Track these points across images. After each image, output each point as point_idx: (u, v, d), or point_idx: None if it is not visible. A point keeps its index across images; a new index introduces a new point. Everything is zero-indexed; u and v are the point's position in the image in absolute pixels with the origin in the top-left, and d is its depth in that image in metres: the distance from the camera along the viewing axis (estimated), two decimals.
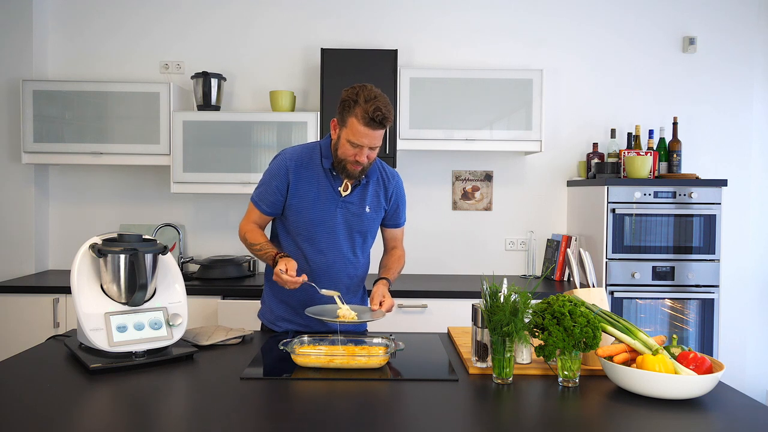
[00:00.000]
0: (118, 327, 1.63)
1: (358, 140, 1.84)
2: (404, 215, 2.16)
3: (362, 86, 1.85)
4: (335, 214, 1.97)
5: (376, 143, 1.87)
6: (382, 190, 2.05)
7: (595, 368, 1.61)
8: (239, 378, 1.53)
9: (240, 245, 3.56)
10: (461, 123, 3.23)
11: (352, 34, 3.54)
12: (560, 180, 3.62)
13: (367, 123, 1.81)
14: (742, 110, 3.60)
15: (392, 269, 2.07)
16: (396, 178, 2.10)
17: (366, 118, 1.80)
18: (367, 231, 2.04)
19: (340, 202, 1.97)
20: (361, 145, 1.85)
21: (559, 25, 3.57)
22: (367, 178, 2.00)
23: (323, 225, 1.96)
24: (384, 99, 1.84)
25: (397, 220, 2.13)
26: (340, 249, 1.99)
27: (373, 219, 2.04)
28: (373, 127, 1.81)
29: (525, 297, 1.51)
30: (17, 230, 3.38)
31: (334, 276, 2.00)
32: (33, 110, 3.19)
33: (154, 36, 3.54)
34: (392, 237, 2.16)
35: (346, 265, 2.02)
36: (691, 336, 3.09)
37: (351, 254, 2.02)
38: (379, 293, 1.91)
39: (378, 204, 2.04)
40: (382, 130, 1.85)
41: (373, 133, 1.83)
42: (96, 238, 1.72)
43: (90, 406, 1.38)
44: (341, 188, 1.97)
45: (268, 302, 2.10)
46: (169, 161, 3.23)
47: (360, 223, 2.00)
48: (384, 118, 1.81)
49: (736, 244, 3.57)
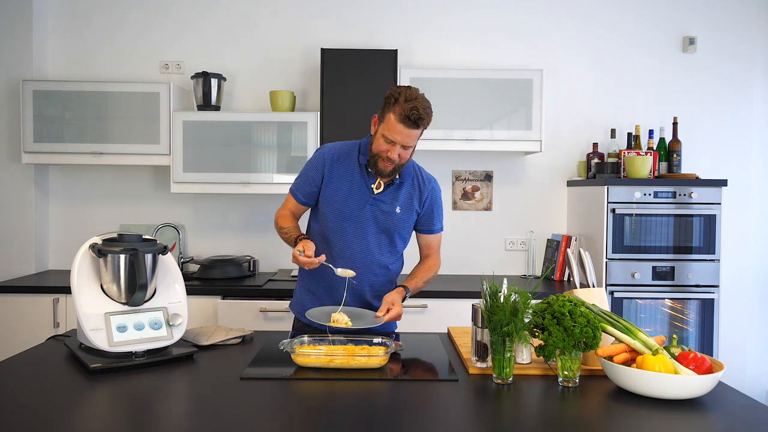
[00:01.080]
0: (118, 327, 1.63)
1: (391, 136, 1.88)
2: (440, 223, 2.16)
3: (407, 87, 1.91)
4: (365, 210, 2.00)
5: (409, 142, 1.90)
6: (416, 193, 2.07)
7: (595, 368, 1.61)
8: (239, 378, 1.53)
9: (239, 245, 3.57)
10: (461, 123, 3.23)
11: (352, 34, 3.54)
12: (560, 180, 3.62)
13: (402, 120, 1.85)
14: (742, 110, 3.60)
15: (416, 278, 2.09)
16: (432, 183, 2.13)
17: (402, 116, 1.84)
18: (395, 231, 2.05)
19: (371, 198, 2.01)
20: (394, 142, 1.89)
21: (559, 25, 3.57)
22: (401, 178, 2.03)
23: (352, 219, 2.00)
24: (424, 102, 1.88)
25: (431, 226, 2.14)
26: (367, 245, 2.02)
27: (403, 220, 2.05)
28: (407, 125, 1.85)
29: (525, 297, 1.51)
30: (17, 230, 3.38)
31: (360, 273, 2.00)
32: (33, 110, 3.19)
33: (154, 36, 3.54)
34: (426, 244, 2.17)
35: (372, 264, 2.03)
36: (691, 336, 3.09)
37: (378, 253, 2.04)
38: (389, 300, 1.91)
39: (410, 206, 2.06)
40: (417, 130, 1.88)
41: (407, 131, 1.87)
42: (96, 238, 1.72)
43: (90, 406, 1.38)
44: (374, 185, 2.01)
45: (299, 294, 2.15)
46: (169, 161, 3.23)
47: (389, 222, 2.03)
48: (419, 118, 1.85)
49: (736, 244, 3.57)
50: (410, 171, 2.07)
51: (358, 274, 1.99)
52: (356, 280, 1.95)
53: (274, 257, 3.54)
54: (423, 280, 2.09)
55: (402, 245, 2.12)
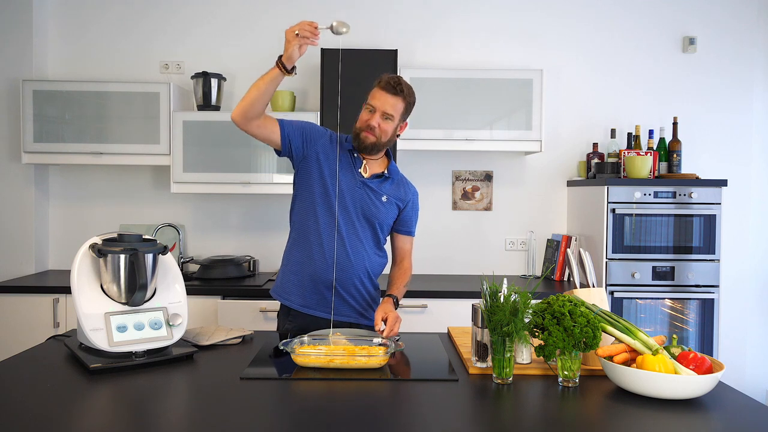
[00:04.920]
0: (118, 327, 1.63)
1: (373, 102, 2.00)
2: (414, 227, 2.23)
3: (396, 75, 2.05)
4: (353, 190, 2.05)
5: (389, 109, 1.99)
6: (401, 192, 2.15)
7: (595, 368, 1.61)
8: (239, 378, 1.53)
9: (240, 245, 3.57)
10: (461, 123, 3.23)
11: (352, 34, 3.53)
12: (560, 180, 3.62)
13: (383, 87, 1.99)
14: (742, 110, 3.60)
15: (398, 283, 2.12)
16: (415, 192, 2.22)
17: (384, 83, 1.99)
18: (377, 221, 2.08)
19: (359, 182, 2.06)
20: (375, 108, 1.99)
21: (559, 25, 3.57)
22: (389, 174, 2.11)
23: (340, 198, 2.04)
24: (408, 84, 2.03)
25: (409, 227, 2.20)
26: (354, 229, 2.05)
27: (386, 211, 2.10)
28: (388, 90, 1.98)
29: (525, 297, 1.51)
30: (17, 230, 3.38)
31: (348, 254, 2.04)
32: (33, 110, 3.19)
33: (154, 36, 3.54)
34: (401, 247, 2.21)
35: (359, 248, 2.06)
36: (691, 336, 3.09)
37: (364, 238, 2.07)
38: (381, 311, 1.90)
39: (395, 200, 2.12)
40: (398, 98, 1.98)
41: (387, 96, 1.98)
42: (96, 238, 1.72)
43: (90, 406, 1.38)
44: (360, 169, 2.08)
45: (281, 277, 2.14)
46: (169, 161, 3.23)
47: (375, 209, 2.07)
48: (399, 83, 1.98)
49: (736, 244, 3.57)
50: (397, 171, 2.17)
51: (348, 255, 2.03)
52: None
53: (274, 257, 3.54)
54: (403, 284, 2.14)
55: (383, 239, 2.17)
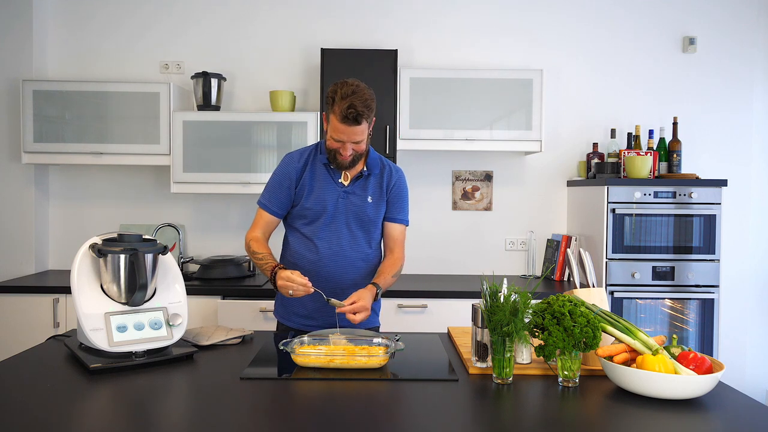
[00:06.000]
0: (118, 327, 1.63)
1: (337, 136, 1.91)
2: (406, 214, 2.15)
3: (343, 83, 1.89)
4: (337, 204, 2.03)
5: (356, 138, 1.91)
6: (384, 182, 2.09)
7: (595, 368, 1.61)
8: (239, 378, 1.53)
9: (240, 245, 3.56)
10: (461, 123, 3.23)
11: (352, 34, 3.54)
12: (560, 180, 3.62)
13: (342, 120, 1.86)
14: (742, 110, 3.60)
15: (385, 273, 2.04)
16: (399, 173, 2.15)
17: (341, 116, 1.86)
18: (369, 222, 2.07)
19: (341, 192, 2.03)
20: (342, 141, 1.91)
21: (560, 25, 3.57)
22: (369, 170, 2.06)
23: (326, 214, 2.02)
24: (361, 95, 1.86)
25: (395, 214, 2.12)
26: (345, 241, 2.04)
27: (375, 210, 2.07)
28: (348, 123, 1.86)
29: (525, 297, 1.51)
30: (17, 230, 3.38)
31: (342, 265, 2.03)
32: (33, 110, 3.19)
33: (154, 36, 3.54)
34: (391, 235, 2.13)
35: (352, 256, 2.05)
36: (691, 336, 3.09)
37: (356, 246, 2.05)
38: (357, 295, 1.86)
39: (380, 195, 2.08)
40: (360, 126, 1.88)
41: (350, 129, 1.88)
42: (96, 238, 1.72)
43: (90, 406, 1.38)
44: (341, 179, 2.04)
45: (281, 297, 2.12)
46: (169, 161, 3.23)
47: (363, 213, 2.05)
48: (358, 114, 1.84)
49: (736, 244, 3.57)
50: (377, 162, 2.10)
51: (341, 266, 2.02)
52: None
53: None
54: (391, 275, 2.06)
55: (378, 236, 2.13)
